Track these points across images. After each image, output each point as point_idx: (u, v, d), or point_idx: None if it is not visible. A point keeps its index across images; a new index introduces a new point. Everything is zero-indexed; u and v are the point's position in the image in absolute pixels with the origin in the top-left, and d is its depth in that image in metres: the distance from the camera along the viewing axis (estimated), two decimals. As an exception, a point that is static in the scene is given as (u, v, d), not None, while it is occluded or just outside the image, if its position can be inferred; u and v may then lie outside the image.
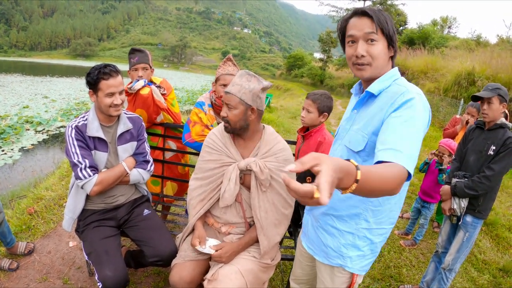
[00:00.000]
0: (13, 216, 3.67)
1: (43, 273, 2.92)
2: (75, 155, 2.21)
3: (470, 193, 2.68)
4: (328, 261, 1.69)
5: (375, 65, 1.45)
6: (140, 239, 2.42)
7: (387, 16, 1.43)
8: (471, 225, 2.77)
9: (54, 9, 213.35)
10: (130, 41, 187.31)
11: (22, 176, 7.12)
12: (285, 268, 3.34)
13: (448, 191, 2.85)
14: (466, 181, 2.73)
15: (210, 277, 2.00)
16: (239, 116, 2.03)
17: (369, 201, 1.53)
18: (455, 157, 3.05)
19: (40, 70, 48.88)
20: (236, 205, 2.19)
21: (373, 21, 1.40)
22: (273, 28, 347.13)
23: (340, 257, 1.65)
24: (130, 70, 3.03)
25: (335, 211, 1.62)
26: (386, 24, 1.41)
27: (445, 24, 34.71)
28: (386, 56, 1.46)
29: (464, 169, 2.85)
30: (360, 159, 1.49)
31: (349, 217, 1.59)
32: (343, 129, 1.67)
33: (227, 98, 2.01)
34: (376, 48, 1.43)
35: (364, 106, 1.55)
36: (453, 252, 2.87)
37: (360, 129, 1.49)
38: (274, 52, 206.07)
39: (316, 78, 41.93)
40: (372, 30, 1.40)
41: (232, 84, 2.01)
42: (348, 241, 1.62)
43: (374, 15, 1.40)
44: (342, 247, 1.63)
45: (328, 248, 1.67)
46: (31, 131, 10.96)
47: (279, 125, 10.84)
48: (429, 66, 17.72)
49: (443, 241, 3.06)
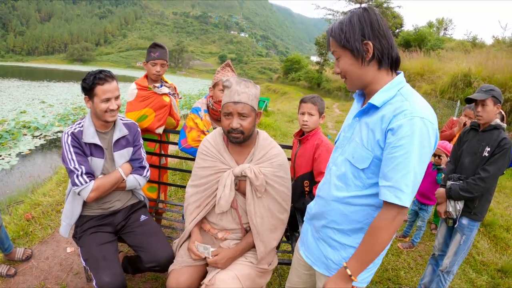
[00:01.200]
0: (10, 222, 3.67)
1: (41, 279, 2.91)
2: (71, 161, 2.21)
3: (465, 196, 2.66)
4: (328, 273, 1.66)
5: (348, 77, 1.50)
6: (137, 244, 2.42)
7: (348, 26, 1.40)
8: (467, 227, 2.76)
9: (51, 13, 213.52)
10: (127, 46, 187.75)
11: (19, 181, 7.12)
12: (282, 273, 3.34)
13: (443, 194, 2.83)
14: (461, 184, 2.71)
15: (208, 282, 1.99)
16: (252, 123, 2.03)
17: (372, 217, 1.49)
18: (450, 159, 3.03)
19: (37, 75, 48.96)
20: (232, 211, 2.18)
21: (334, 39, 1.46)
22: (270, 32, 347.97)
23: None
24: (148, 63, 3.10)
25: (338, 224, 1.59)
26: (340, 37, 1.42)
27: (441, 26, 34.82)
28: (354, 66, 1.43)
29: (460, 171, 2.83)
30: (364, 176, 1.46)
31: (352, 231, 1.56)
32: (345, 137, 1.62)
33: (240, 108, 1.96)
34: (342, 63, 1.48)
35: (366, 115, 1.50)
36: (451, 255, 2.86)
37: (363, 144, 1.45)
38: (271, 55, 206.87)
39: (313, 81, 42.09)
40: (334, 48, 1.48)
41: (238, 93, 1.97)
42: (350, 254, 1.57)
43: (331, 34, 1.47)
44: (343, 260, 1.59)
45: (329, 260, 1.64)
46: (28, 136, 10.97)
47: (276, 129, 10.83)
48: (425, 68, 17.77)
49: (440, 243, 3.05)
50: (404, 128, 1.29)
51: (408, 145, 1.28)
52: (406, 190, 1.30)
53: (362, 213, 1.51)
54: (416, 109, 1.32)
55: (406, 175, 1.29)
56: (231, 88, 1.99)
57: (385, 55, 1.41)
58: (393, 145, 1.31)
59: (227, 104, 1.99)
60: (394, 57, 1.43)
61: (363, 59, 1.40)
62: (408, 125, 1.29)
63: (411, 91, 1.43)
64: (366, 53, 1.39)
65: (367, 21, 1.38)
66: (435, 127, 1.34)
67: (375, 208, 1.49)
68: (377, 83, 1.45)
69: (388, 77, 1.46)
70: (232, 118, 1.99)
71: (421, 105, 1.36)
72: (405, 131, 1.29)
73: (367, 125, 1.46)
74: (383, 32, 1.39)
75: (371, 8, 1.41)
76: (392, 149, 1.32)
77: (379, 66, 1.43)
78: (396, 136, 1.31)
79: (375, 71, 1.44)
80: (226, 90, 2.01)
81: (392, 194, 1.32)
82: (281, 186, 2.18)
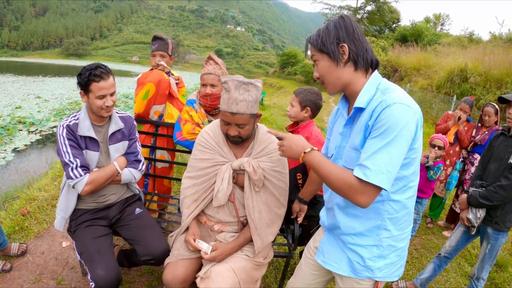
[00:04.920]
0: (6, 217, 3.65)
1: (37, 273, 2.91)
2: (66, 154, 2.20)
3: (485, 204, 2.55)
4: (355, 275, 1.66)
5: (326, 81, 1.56)
6: (132, 238, 2.42)
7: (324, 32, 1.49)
8: (492, 236, 2.68)
9: (46, 8, 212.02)
10: (122, 40, 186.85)
11: (15, 177, 7.09)
12: (278, 266, 3.35)
13: (465, 200, 2.71)
14: (481, 191, 2.60)
15: (203, 275, 1.99)
16: (250, 129, 2.03)
17: (385, 211, 1.53)
18: (478, 164, 2.88)
19: (32, 70, 48.55)
20: (229, 204, 2.18)
21: (311, 44, 1.54)
22: (266, 26, 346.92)
23: (368, 270, 1.62)
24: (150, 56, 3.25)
25: (353, 229, 1.61)
26: (317, 41, 1.51)
27: (438, 21, 34.83)
28: (331, 68, 1.50)
29: (485, 178, 2.71)
30: None
31: (369, 231, 1.58)
32: (341, 147, 1.64)
33: (237, 119, 1.93)
34: (319, 67, 1.55)
35: (355, 121, 1.55)
36: (478, 261, 2.82)
37: (351, 146, 1.51)
38: (267, 50, 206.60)
39: (309, 76, 41.95)
40: (312, 53, 1.56)
41: (236, 102, 1.89)
42: (374, 253, 1.60)
43: (310, 40, 1.55)
44: (368, 260, 1.60)
45: (355, 263, 1.64)
46: (24, 132, 10.92)
47: (272, 122, 10.85)
48: (422, 63, 17.80)
49: (451, 247, 2.97)
50: (383, 114, 1.35)
51: (382, 128, 1.35)
52: (373, 168, 1.34)
53: (373, 210, 1.54)
54: (393, 97, 1.38)
55: (375, 154, 1.35)
56: (230, 94, 1.91)
57: (360, 57, 1.48)
58: (372, 131, 1.39)
59: (224, 112, 1.95)
60: (370, 59, 1.51)
61: (338, 61, 1.48)
62: (387, 111, 1.35)
63: (387, 85, 1.50)
64: (342, 55, 1.48)
65: (342, 26, 1.47)
66: (414, 112, 1.38)
67: (383, 201, 1.52)
68: (356, 84, 1.52)
69: (364, 78, 1.53)
70: (230, 126, 1.98)
71: (398, 94, 1.42)
72: (384, 116, 1.35)
73: (356, 128, 1.51)
74: (357, 36, 1.48)
75: (347, 16, 1.51)
76: (370, 135, 1.40)
77: (355, 67, 1.50)
78: (375, 123, 1.38)
79: (351, 73, 1.51)
80: (225, 94, 1.94)
81: (360, 170, 1.37)
82: (279, 181, 2.18)
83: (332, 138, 1.78)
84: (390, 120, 1.33)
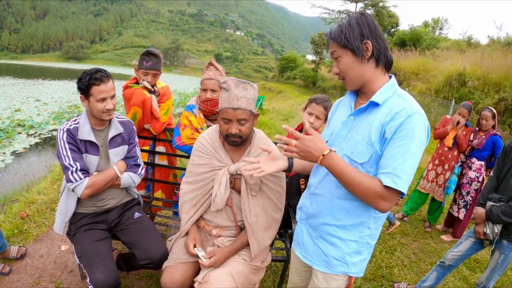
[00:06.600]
0: (5, 220, 3.66)
1: (36, 277, 2.91)
2: (66, 158, 2.22)
3: (508, 221, 2.46)
4: (330, 270, 1.71)
5: (348, 77, 1.58)
6: (131, 242, 2.43)
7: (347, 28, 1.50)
8: (507, 247, 2.61)
9: (46, 11, 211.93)
10: (122, 44, 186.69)
11: (14, 180, 7.09)
12: (276, 270, 3.36)
13: (483, 214, 2.60)
14: (502, 207, 2.49)
15: (201, 279, 2.00)
16: (250, 127, 2.05)
17: (372, 210, 1.58)
18: (493, 173, 2.75)
19: (32, 73, 48.57)
20: (227, 208, 2.20)
21: (334, 41, 1.55)
22: (266, 30, 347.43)
23: (344, 265, 1.68)
24: (140, 71, 3.00)
25: (338, 221, 1.64)
26: (340, 37, 1.51)
27: (436, 25, 34.87)
28: (355, 64, 1.52)
29: (502, 191, 2.59)
30: (363, 170, 1.53)
31: (353, 226, 1.62)
32: (339, 135, 1.66)
33: (239, 114, 1.95)
34: (341, 63, 1.56)
35: (364, 114, 1.58)
36: (488, 270, 2.76)
37: (363, 140, 1.53)
38: (267, 54, 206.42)
39: (308, 80, 42.10)
40: (333, 49, 1.56)
41: (237, 98, 1.93)
42: (352, 249, 1.65)
43: (331, 36, 1.55)
44: (346, 255, 1.66)
45: (331, 258, 1.69)
46: (23, 135, 10.92)
47: (271, 127, 10.87)
48: (420, 67, 17.86)
49: (457, 255, 2.90)
50: (408, 124, 1.41)
51: (407, 137, 1.40)
52: (403, 177, 1.40)
53: (363, 207, 1.58)
54: (413, 107, 1.45)
55: (404, 163, 1.40)
56: (230, 92, 1.95)
57: (382, 54, 1.52)
58: (395, 138, 1.42)
59: (226, 109, 1.96)
60: (388, 57, 1.55)
61: (363, 57, 1.50)
62: (409, 121, 1.41)
63: (404, 92, 1.56)
64: (365, 51, 1.50)
65: (365, 23, 1.49)
66: (428, 123, 1.47)
67: None
68: (374, 81, 1.56)
69: (383, 76, 1.57)
70: (231, 124, 1.99)
71: (416, 104, 1.49)
72: (406, 125, 1.41)
73: (367, 122, 1.54)
74: (379, 33, 1.51)
75: (368, 13, 1.53)
76: (394, 141, 1.43)
77: (376, 64, 1.54)
78: (399, 130, 1.42)
79: (373, 69, 1.54)
80: (224, 93, 1.97)
81: (390, 179, 1.41)
82: (276, 185, 2.20)
83: (330, 126, 1.82)
84: (414, 130, 1.40)
